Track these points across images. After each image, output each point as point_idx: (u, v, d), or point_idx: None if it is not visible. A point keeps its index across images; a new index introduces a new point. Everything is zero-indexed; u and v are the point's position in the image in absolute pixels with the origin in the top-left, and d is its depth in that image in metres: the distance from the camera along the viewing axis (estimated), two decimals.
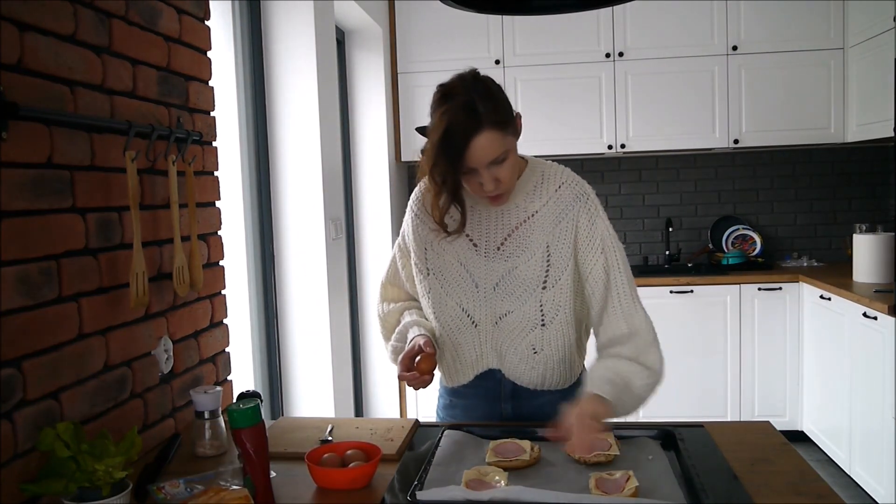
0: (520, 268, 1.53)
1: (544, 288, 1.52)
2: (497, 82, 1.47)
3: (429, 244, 1.61)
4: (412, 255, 1.64)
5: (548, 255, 1.53)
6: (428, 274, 1.60)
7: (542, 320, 1.53)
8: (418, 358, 1.49)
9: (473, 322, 1.57)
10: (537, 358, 1.56)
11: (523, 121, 1.49)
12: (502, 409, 1.63)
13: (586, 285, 1.53)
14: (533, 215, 1.55)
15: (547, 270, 1.53)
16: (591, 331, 1.60)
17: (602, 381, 1.41)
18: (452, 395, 1.69)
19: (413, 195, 1.68)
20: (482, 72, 1.46)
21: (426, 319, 1.66)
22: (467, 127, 1.36)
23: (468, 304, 1.57)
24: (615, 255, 1.52)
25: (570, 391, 1.61)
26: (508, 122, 1.42)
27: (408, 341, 1.58)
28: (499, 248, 1.56)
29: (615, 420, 1.38)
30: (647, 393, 1.47)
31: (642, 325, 1.50)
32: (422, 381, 1.49)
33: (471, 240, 1.58)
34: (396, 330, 1.65)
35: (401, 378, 1.51)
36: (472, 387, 1.64)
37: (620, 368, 1.45)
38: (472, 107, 1.36)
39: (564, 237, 1.52)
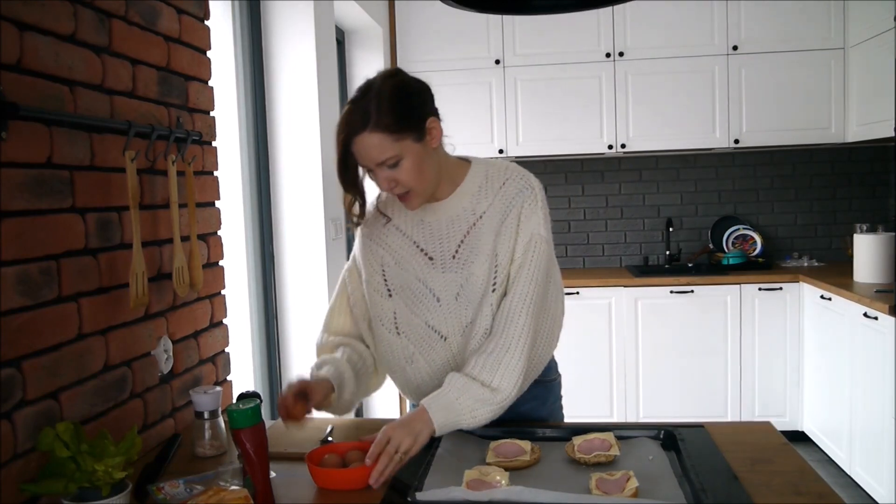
0: (476, 274, 1.50)
1: (493, 291, 1.49)
2: (418, 85, 1.46)
3: (386, 265, 1.57)
4: (364, 278, 1.59)
5: (495, 256, 1.49)
6: (390, 295, 1.57)
7: (493, 324, 1.48)
8: (284, 394, 1.41)
9: (442, 336, 1.54)
10: None
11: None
12: None
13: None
14: (481, 217, 1.51)
15: (495, 271, 1.49)
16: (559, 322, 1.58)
17: (440, 407, 1.39)
18: None
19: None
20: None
21: (360, 356, 1.60)
22: (352, 127, 1.39)
23: (433, 319, 1.53)
24: (535, 253, 1.48)
25: (536, 386, 1.57)
26: (406, 128, 1.39)
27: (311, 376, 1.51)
28: (454, 257, 1.52)
29: (615, 421, 1.37)
30: (489, 418, 1.44)
31: (514, 333, 1.45)
32: (289, 419, 1.40)
33: (426, 253, 1.55)
34: (315, 363, 1.58)
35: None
36: None
37: (468, 398, 1.41)
38: (365, 108, 1.38)
39: (509, 234, 1.49)
